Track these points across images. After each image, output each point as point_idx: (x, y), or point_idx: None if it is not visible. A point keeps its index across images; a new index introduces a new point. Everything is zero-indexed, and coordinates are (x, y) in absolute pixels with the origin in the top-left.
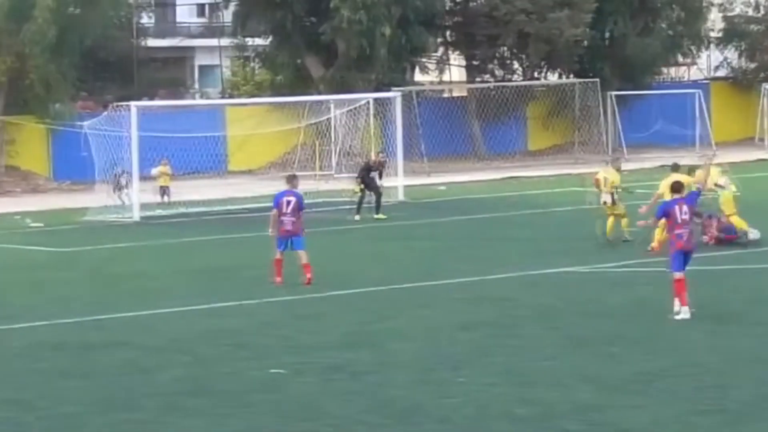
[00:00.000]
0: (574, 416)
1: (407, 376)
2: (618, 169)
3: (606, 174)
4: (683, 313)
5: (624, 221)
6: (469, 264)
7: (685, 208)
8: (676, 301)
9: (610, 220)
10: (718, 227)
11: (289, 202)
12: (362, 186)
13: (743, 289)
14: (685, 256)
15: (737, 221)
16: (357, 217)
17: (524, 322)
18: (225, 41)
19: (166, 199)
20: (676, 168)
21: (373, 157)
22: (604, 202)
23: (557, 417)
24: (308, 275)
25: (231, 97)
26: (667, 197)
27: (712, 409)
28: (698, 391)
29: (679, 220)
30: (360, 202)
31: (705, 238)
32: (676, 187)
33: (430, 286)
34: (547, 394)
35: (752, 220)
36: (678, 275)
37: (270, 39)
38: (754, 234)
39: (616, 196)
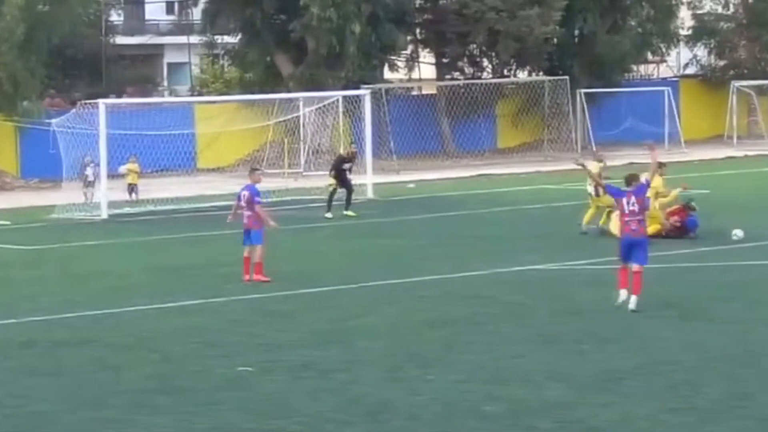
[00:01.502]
0: (543, 414)
1: (376, 374)
2: (600, 161)
3: (589, 166)
4: (621, 295)
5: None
6: (439, 261)
7: (633, 199)
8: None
9: (591, 211)
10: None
11: (244, 196)
12: (335, 181)
13: (711, 287)
14: (631, 247)
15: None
16: (328, 215)
17: (493, 320)
18: (194, 39)
19: (134, 196)
20: (660, 165)
21: (342, 151)
22: (589, 194)
23: (526, 414)
24: (254, 276)
25: (200, 94)
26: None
27: (682, 407)
28: (669, 389)
29: (627, 210)
30: (330, 199)
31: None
32: (628, 180)
33: (399, 283)
34: (516, 391)
35: (724, 219)
36: (622, 264)
37: (240, 36)
38: (737, 234)
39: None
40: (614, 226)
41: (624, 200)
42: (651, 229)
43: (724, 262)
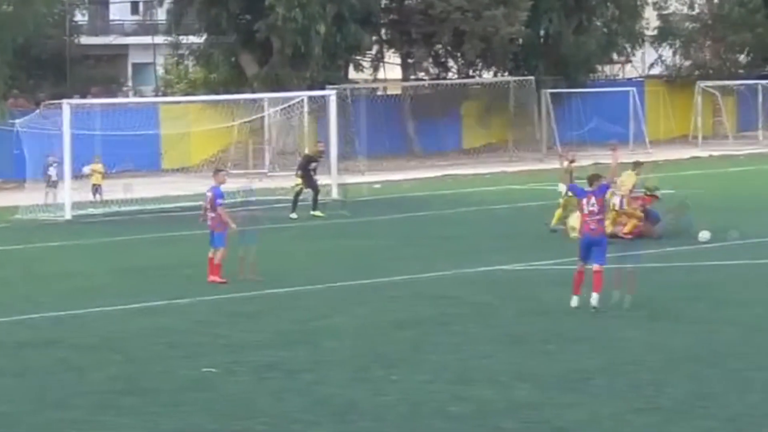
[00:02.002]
0: (509, 414)
1: (342, 374)
2: (571, 161)
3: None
4: (574, 301)
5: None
6: (405, 262)
7: (593, 200)
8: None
9: (560, 211)
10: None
11: (208, 197)
12: (301, 181)
13: (677, 287)
14: (591, 246)
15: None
16: (293, 215)
17: (460, 320)
18: (159, 39)
19: (98, 197)
20: (637, 165)
21: (308, 150)
22: (560, 192)
23: (492, 415)
24: (211, 276)
25: (165, 95)
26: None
27: (647, 407)
28: (634, 389)
29: (587, 210)
30: (296, 200)
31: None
32: (590, 180)
33: (365, 284)
34: (482, 391)
35: (690, 219)
36: (579, 265)
37: (205, 37)
38: (704, 236)
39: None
40: (573, 220)
41: (584, 200)
42: (629, 226)
43: (690, 262)
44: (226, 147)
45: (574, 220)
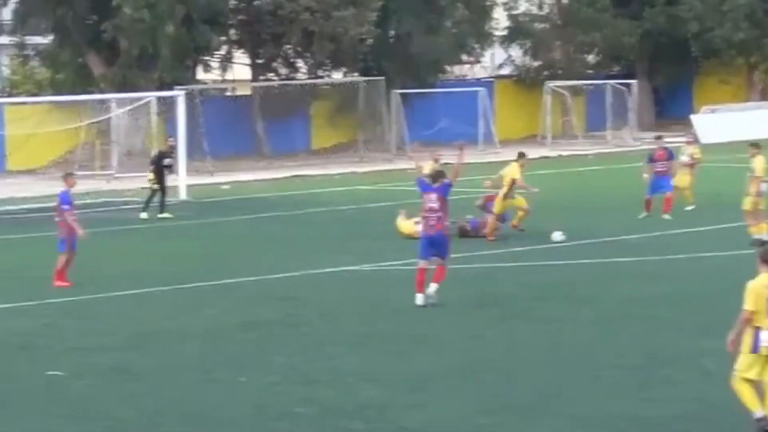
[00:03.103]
0: (356, 415)
1: (189, 377)
2: (435, 161)
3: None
4: (418, 299)
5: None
6: (253, 263)
7: (434, 196)
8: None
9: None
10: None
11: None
12: (154, 178)
13: (528, 286)
14: (431, 244)
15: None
16: (144, 215)
17: (307, 321)
18: (4, 39)
19: None
20: (521, 156)
21: (156, 150)
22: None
23: (339, 415)
24: (56, 281)
25: (10, 95)
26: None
27: (495, 407)
28: (482, 389)
29: (427, 208)
30: (149, 200)
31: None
32: (434, 177)
33: (213, 285)
34: (328, 392)
35: (540, 218)
36: (420, 263)
37: (51, 37)
38: (558, 237)
39: None
40: (404, 226)
41: (425, 196)
42: (489, 227)
43: (541, 261)
44: (73, 148)
45: (401, 222)
